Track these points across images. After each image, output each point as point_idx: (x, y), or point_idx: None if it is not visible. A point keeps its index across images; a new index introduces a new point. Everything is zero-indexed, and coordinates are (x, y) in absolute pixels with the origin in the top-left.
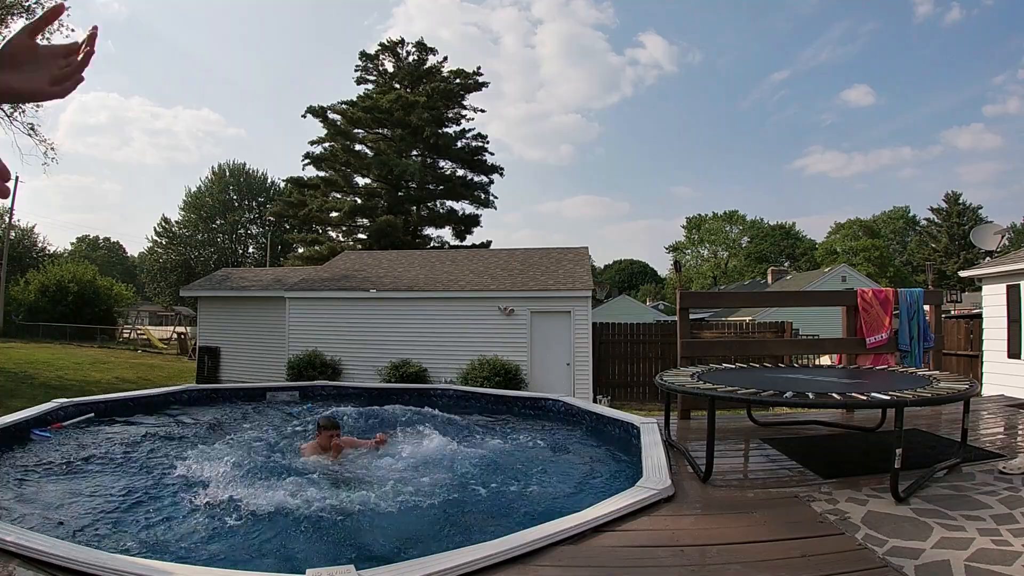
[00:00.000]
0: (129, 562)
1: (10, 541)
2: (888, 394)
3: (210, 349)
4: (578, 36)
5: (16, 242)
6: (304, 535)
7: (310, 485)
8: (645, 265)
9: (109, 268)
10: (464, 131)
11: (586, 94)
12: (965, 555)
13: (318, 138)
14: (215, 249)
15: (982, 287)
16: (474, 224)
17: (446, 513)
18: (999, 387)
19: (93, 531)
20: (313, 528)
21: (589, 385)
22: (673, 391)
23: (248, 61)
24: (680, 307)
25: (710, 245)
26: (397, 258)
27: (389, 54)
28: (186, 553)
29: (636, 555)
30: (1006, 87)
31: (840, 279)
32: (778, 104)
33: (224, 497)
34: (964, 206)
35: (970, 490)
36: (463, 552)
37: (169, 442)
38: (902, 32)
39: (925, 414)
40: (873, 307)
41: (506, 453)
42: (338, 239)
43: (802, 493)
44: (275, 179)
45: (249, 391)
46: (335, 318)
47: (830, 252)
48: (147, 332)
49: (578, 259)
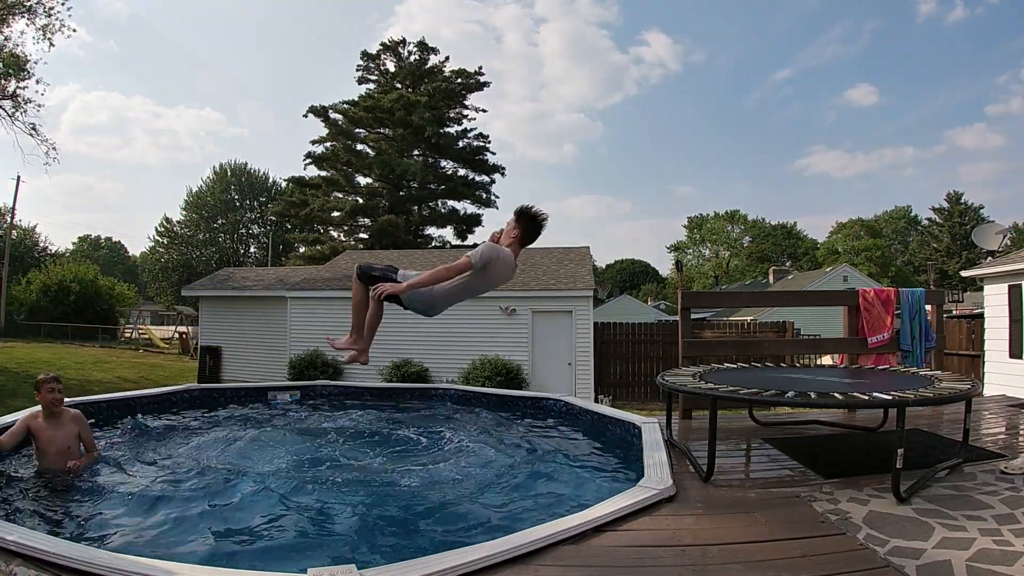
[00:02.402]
0: (131, 561)
1: (12, 540)
2: (890, 394)
3: (211, 349)
4: (582, 34)
5: (18, 242)
6: (305, 535)
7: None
8: (646, 265)
9: (111, 268)
10: (466, 131)
11: (590, 93)
12: (967, 555)
13: (319, 138)
14: (216, 249)
15: (984, 287)
16: (476, 224)
17: (446, 512)
18: (1000, 387)
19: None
20: (314, 528)
21: (590, 385)
22: (675, 391)
23: (250, 60)
24: (681, 307)
25: (712, 245)
26: (398, 258)
27: (390, 54)
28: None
29: (637, 555)
30: (1009, 87)
31: (842, 279)
32: (781, 103)
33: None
34: (966, 206)
35: (972, 490)
36: (464, 552)
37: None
38: (905, 31)
39: (927, 414)
40: (875, 307)
41: (507, 453)
42: (340, 239)
43: (803, 493)
44: (277, 179)
45: (250, 391)
46: (336, 318)
47: (832, 252)
48: (148, 332)
49: (579, 259)
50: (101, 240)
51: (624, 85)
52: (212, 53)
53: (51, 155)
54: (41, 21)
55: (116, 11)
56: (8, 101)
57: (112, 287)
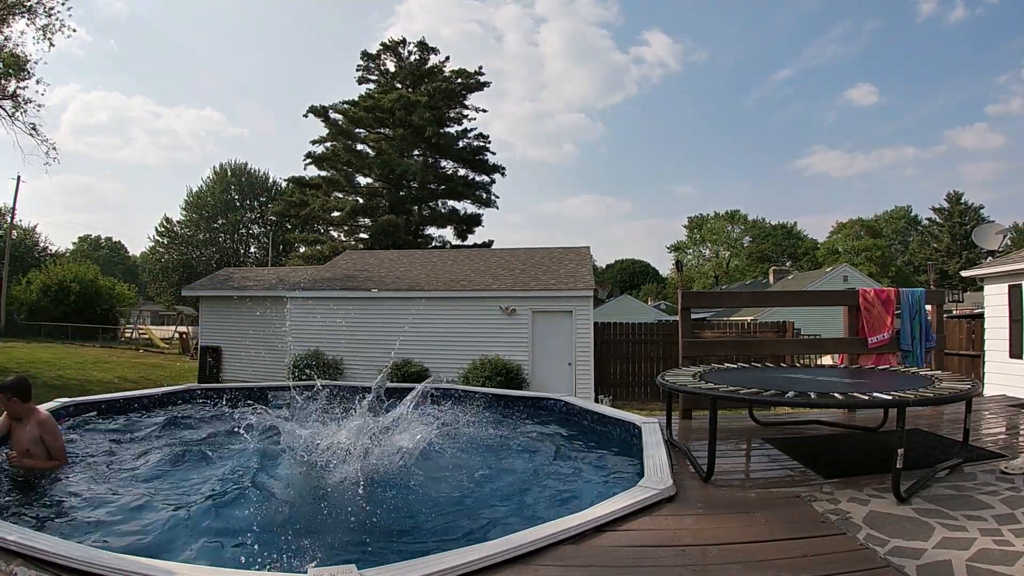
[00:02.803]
0: (131, 561)
1: (12, 540)
2: (890, 394)
3: (212, 349)
4: (582, 34)
5: (18, 242)
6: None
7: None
8: (647, 265)
9: (111, 268)
10: (466, 131)
11: (590, 93)
12: (967, 555)
13: (320, 138)
14: (217, 249)
15: (984, 287)
16: (476, 224)
17: (446, 512)
18: (1001, 387)
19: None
20: (314, 528)
21: (591, 385)
22: (675, 391)
23: (250, 60)
24: (682, 307)
25: (712, 245)
26: (399, 258)
27: (391, 54)
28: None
29: (637, 555)
30: (1009, 87)
31: (842, 279)
32: (781, 103)
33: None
34: (966, 206)
35: (972, 490)
36: (464, 552)
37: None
38: (905, 30)
39: (927, 414)
40: (875, 307)
41: (507, 453)
42: (340, 239)
43: (803, 493)
44: (277, 179)
45: (251, 391)
46: (337, 318)
47: (832, 252)
48: (149, 332)
49: (580, 259)
50: (101, 240)
51: (625, 85)
52: (212, 53)
53: (51, 155)
54: (41, 21)
55: (116, 11)
56: (8, 101)
57: (112, 287)
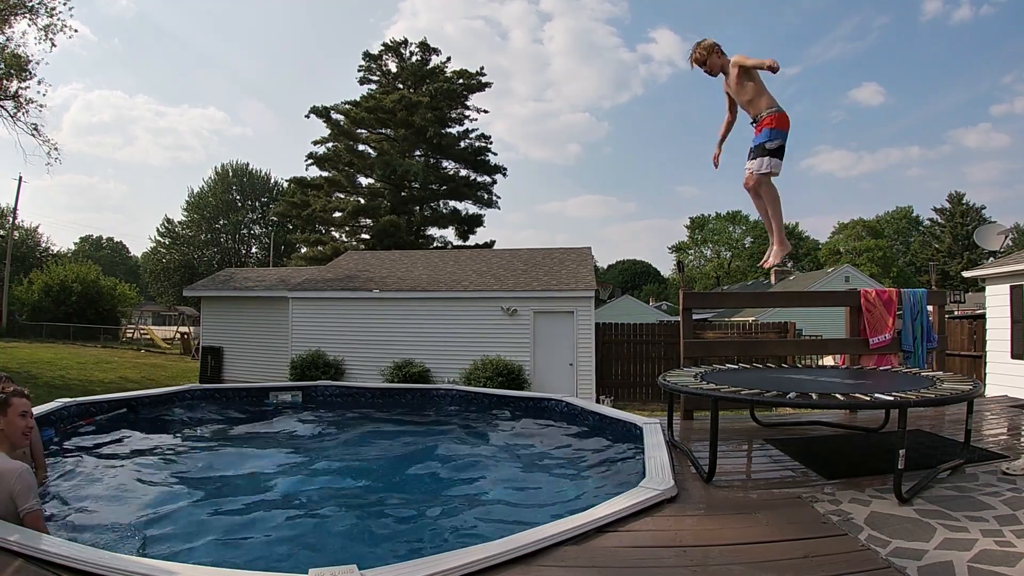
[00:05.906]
0: (133, 562)
1: (13, 540)
2: (891, 395)
3: (213, 349)
4: (589, 31)
5: (20, 242)
6: (305, 535)
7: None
8: (648, 265)
9: (112, 268)
10: (467, 131)
11: (596, 92)
12: (968, 556)
13: (321, 138)
14: (218, 249)
15: (985, 287)
16: (477, 224)
17: (447, 513)
18: (1002, 388)
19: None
20: (315, 528)
21: (592, 385)
22: (676, 391)
23: (253, 60)
24: (683, 307)
25: (713, 245)
26: (400, 258)
27: (392, 54)
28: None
29: (639, 555)
30: (1013, 86)
31: (843, 279)
32: (787, 101)
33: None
34: (967, 206)
35: (973, 491)
36: (466, 552)
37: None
38: (911, 29)
39: (928, 415)
40: (876, 308)
41: (508, 454)
42: (341, 239)
43: (805, 494)
44: (278, 179)
45: (252, 391)
46: (338, 318)
47: (833, 252)
48: (150, 332)
49: (581, 259)
50: (103, 240)
51: (631, 84)
52: (215, 52)
53: (53, 155)
54: (43, 21)
55: (120, 10)
56: (10, 101)
57: (114, 287)
